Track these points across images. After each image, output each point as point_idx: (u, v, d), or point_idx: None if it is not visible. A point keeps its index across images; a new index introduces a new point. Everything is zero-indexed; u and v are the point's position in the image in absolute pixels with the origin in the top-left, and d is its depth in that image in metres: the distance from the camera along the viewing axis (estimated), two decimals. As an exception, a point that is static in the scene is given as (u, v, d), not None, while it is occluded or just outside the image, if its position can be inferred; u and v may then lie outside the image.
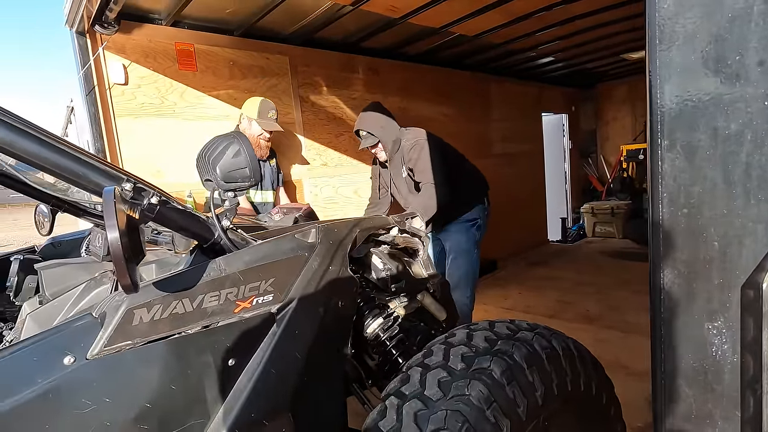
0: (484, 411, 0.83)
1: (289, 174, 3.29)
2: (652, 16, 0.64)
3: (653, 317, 0.68)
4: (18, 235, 13.71)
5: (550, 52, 4.46)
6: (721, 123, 0.60)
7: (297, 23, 3.03)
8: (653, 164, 0.65)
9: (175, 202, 0.81)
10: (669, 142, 0.64)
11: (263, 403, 0.86)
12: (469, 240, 2.66)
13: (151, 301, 0.75)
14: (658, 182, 0.65)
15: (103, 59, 2.55)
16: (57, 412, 0.66)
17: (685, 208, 0.63)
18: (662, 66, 0.64)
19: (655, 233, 0.66)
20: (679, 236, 0.64)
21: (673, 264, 0.65)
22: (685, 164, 0.63)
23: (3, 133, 0.62)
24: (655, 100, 0.65)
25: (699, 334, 0.64)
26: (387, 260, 1.49)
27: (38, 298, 1.26)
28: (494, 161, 4.72)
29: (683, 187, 0.63)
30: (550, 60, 4.79)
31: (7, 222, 16.81)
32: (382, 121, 2.63)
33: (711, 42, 0.60)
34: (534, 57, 4.59)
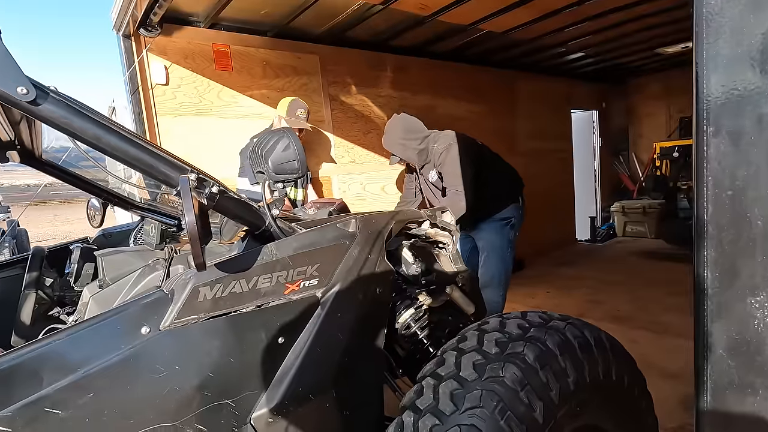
0: (517, 392, 0.86)
1: (318, 171, 3.38)
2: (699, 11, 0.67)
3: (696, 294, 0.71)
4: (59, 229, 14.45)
5: (580, 48, 4.39)
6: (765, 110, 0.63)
7: (327, 23, 3.10)
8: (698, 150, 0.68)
9: (232, 193, 0.89)
10: (715, 128, 0.67)
11: (309, 379, 0.92)
12: (502, 239, 2.65)
13: (214, 281, 0.82)
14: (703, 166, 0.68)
15: (146, 61, 2.69)
16: (136, 375, 0.75)
17: (730, 190, 0.66)
18: (709, 58, 0.67)
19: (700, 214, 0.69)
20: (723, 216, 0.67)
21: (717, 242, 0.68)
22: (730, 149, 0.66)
23: (93, 130, 0.71)
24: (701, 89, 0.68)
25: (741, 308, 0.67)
26: (418, 253, 1.53)
27: (98, 282, 1.37)
28: (521, 159, 4.67)
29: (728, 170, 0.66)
30: (581, 55, 4.71)
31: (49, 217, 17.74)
32: (401, 137, 2.61)
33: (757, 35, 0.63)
34: (563, 53, 4.53)
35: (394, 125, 2.69)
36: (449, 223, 1.67)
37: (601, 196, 6.53)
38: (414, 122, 2.68)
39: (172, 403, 0.78)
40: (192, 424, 0.79)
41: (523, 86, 5.05)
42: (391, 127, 2.70)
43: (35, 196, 9.38)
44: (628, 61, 5.28)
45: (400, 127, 2.65)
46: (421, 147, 2.59)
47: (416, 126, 2.66)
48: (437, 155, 2.55)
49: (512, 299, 3.72)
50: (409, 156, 2.62)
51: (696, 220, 0.70)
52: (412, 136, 2.61)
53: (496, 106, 4.70)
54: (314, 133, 3.29)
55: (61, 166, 1.66)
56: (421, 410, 0.92)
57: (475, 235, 2.78)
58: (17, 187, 20.38)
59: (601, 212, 6.55)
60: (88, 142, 0.73)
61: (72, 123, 0.70)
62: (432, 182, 2.66)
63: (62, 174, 1.66)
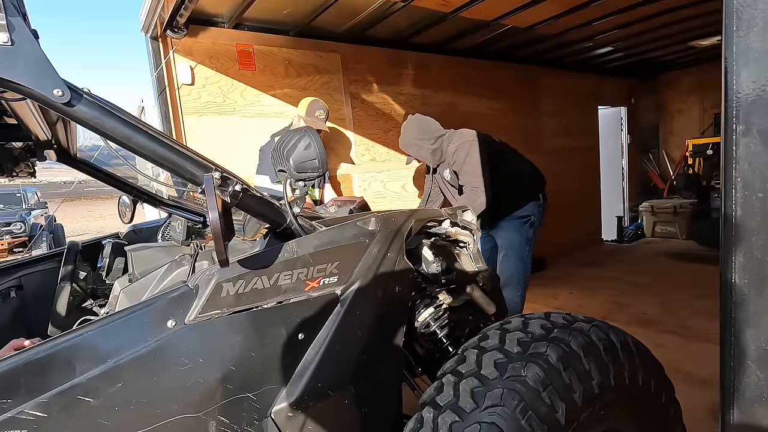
0: (539, 392, 0.85)
1: (338, 169, 3.40)
2: (729, 2, 0.64)
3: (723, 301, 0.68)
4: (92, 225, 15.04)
5: (608, 42, 4.27)
6: (799, 109, 0.60)
7: (348, 21, 3.11)
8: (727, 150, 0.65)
9: (255, 191, 0.90)
10: (745, 127, 0.63)
11: (328, 375, 0.94)
12: (521, 237, 2.62)
13: (236, 277, 0.85)
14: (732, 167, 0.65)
15: (173, 62, 2.76)
16: (163, 367, 0.77)
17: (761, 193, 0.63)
18: (739, 52, 0.64)
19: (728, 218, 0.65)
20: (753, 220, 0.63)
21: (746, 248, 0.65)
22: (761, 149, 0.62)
23: (123, 130, 0.74)
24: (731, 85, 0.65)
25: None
26: (438, 252, 1.52)
27: (128, 276, 1.42)
28: (545, 157, 4.58)
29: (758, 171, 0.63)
30: (609, 50, 4.58)
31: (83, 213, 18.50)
32: (416, 138, 2.62)
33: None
34: (590, 47, 4.41)
35: (409, 126, 2.70)
36: (470, 221, 1.66)
37: (628, 195, 6.34)
38: (429, 122, 2.68)
39: (196, 395, 0.80)
40: (215, 416, 0.82)
41: (547, 82, 4.94)
42: (407, 128, 2.70)
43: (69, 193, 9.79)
44: (659, 55, 5.09)
45: (415, 127, 2.66)
46: (434, 147, 2.60)
47: (431, 126, 2.66)
48: (451, 154, 2.55)
49: (533, 300, 3.66)
50: (423, 156, 2.63)
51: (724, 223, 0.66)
52: (426, 136, 2.62)
53: (519, 103, 4.62)
54: (335, 131, 3.31)
55: (94, 164, 1.73)
56: (441, 406, 0.92)
57: (494, 233, 2.76)
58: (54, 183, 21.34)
59: (628, 212, 6.36)
60: (118, 142, 0.75)
61: (104, 123, 0.73)
62: (448, 181, 2.65)
63: (95, 171, 1.73)
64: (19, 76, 0.65)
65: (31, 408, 0.66)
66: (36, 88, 0.66)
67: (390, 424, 1.06)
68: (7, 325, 1.64)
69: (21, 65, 0.64)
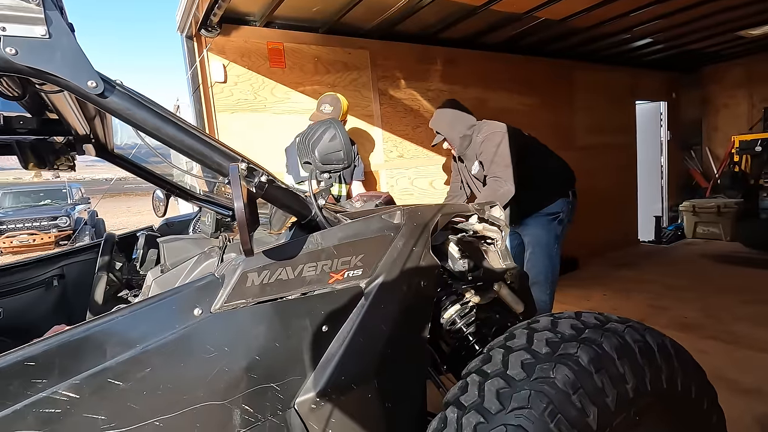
0: (569, 395, 0.81)
1: (367, 165, 3.40)
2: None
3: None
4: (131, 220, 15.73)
5: (647, 33, 4.07)
6: None
7: (377, 17, 3.10)
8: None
9: (280, 182, 0.91)
10: None
11: (352, 368, 0.93)
12: (549, 234, 2.54)
13: (261, 267, 0.85)
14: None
15: (206, 60, 2.83)
16: (189, 354, 0.79)
17: None
18: None
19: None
20: None
21: None
22: None
23: (153, 121, 0.76)
24: None
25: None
26: (465, 248, 1.49)
27: (160, 267, 1.46)
28: (578, 154, 4.43)
29: None
30: (647, 42, 4.37)
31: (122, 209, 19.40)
32: (450, 118, 2.62)
33: None
34: (628, 39, 4.22)
35: (447, 104, 2.70)
36: (498, 217, 1.62)
37: (668, 194, 6.04)
38: (465, 111, 2.67)
39: (221, 383, 0.81)
40: (239, 405, 0.83)
41: (581, 77, 4.78)
42: (443, 109, 2.70)
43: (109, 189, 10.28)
44: (703, 46, 4.82)
45: (451, 110, 2.65)
46: (465, 133, 2.58)
47: (465, 114, 2.65)
48: (478, 144, 2.51)
49: (564, 300, 3.55)
50: (452, 138, 2.60)
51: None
52: (459, 121, 2.61)
53: (550, 98, 4.49)
54: (363, 127, 3.31)
55: (130, 159, 1.79)
56: (466, 407, 0.90)
57: (520, 230, 2.69)
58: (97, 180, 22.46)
59: (667, 211, 6.07)
60: (149, 132, 0.77)
61: (135, 114, 0.75)
62: (474, 174, 2.61)
63: (131, 166, 1.79)
64: (56, 67, 0.67)
65: (65, 389, 0.68)
66: (71, 80, 0.68)
67: (414, 421, 1.05)
68: (50, 312, 1.73)
69: (58, 57, 0.67)
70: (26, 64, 0.65)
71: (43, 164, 1.30)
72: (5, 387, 0.65)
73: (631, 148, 5.52)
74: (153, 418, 0.74)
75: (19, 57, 0.65)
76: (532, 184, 2.47)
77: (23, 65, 0.65)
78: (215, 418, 0.80)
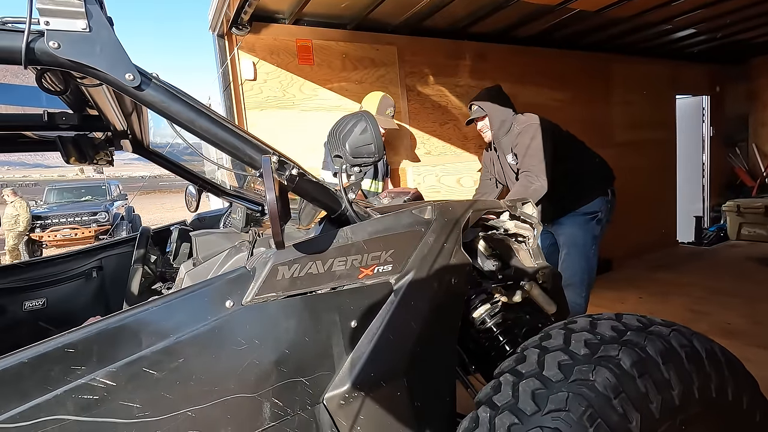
0: (610, 399, 0.77)
1: (394, 162, 3.38)
2: None
3: None
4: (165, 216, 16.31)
5: (690, 24, 3.86)
6: None
7: (406, 12, 3.07)
8: None
9: (311, 176, 0.90)
10: None
11: (381, 365, 0.92)
12: (586, 234, 2.44)
13: (292, 261, 0.85)
14: None
15: (237, 58, 2.88)
16: (221, 345, 0.80)
17: None
18: None
19: None
20: None
21: None
22: None
23: (187, 113, 0.76)
24: None
25: None
26: (495, 246, 1.45)
27: (192, 260, 1.49)
28: (615, 150, 4.26)
29: None
30: (690, 33, 4.15)
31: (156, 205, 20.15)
32: (496, 98, 2.56)
33: None
34: (668, 30, 4.02)
35: (495, 87, 2.68)
36: (530, 215, 1.57)
37: (709, 193, 5.74)
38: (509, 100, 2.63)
39: (251, 376, 0.81)
40: (269, 398, 0.82)
41: (617, 70, 4.59)
42: (491, 88, 2.67)
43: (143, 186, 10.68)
44: (752, 36, 4.53)
45: (500, 93, 2.62)
46: (506, 118, 2.53)
47: (510, 104, 2.60)
48: (515, 135, 2.44)
49: (598, 303, 3.42)
50: (492, 117, 2.54)
51: None
52: (505, 104, 2.56)
53: (585, 92, 4.33)
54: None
55: (165, 155, 1.84)
56: (499, 407, 0.87)
57: (555, 230, 2.59)
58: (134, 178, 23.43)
59: (709, 211, 5.77)
60: (182, 125, 0.78)
61: (169, 107, 0.76)
62: (510, 164, 2.54)
63: (165, 162, 1.84)
64: (96, 61, 0.68)
65: (102, 376, 0.70)
66: (110, 72, 0.70)
67: (443, 421, 1.03)
68: (89, 302, 1.80)
69: (98, 50, 0.68)
70: (68, 57, 0.67)
71: (83, 158, 1.35)
72: (47, 372, 0.67)
73: (670, 144, 5.26)
74: (186, 408, 0.75)
75: (61, 51, 0.66)
76: (569, 182, 2.38)
77: (65, 59, 0.67)
78: (246, 411, 0.81)
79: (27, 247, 8.72)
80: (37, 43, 0.65)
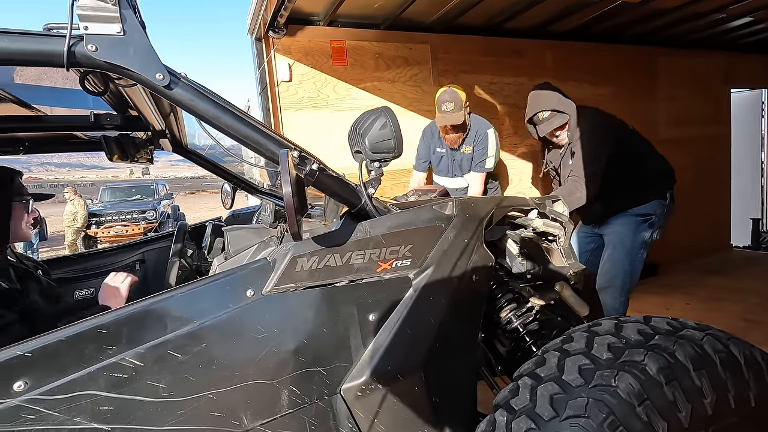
0: (634, 407, 0.74)
1: (425, 161, 3.36)
2: None
3: None
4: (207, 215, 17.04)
5: (746, 12, 3.59)
6: None
7: (440, 10, 3.05)
8: None
9: (332, 171, 0.92)
10: None
11: (399, 358, 0.92)
12: (635, 236, 2.25)
13: (310, 253, 0.87)
14: None
15: (273, 60, 2.96)
16: (241, 333, 0.83)
17: None
18: None
19: None
20: None
21: None
22: None
23: (213, 111, 0.81)
24: None
25: None
26: (524, 245, 1.42)
27: (224, 254, 1.56)
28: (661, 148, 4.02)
29: None
30: (746, 21, 3.86)
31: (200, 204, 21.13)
32: (559, 97, 2.29)
33: None
34: (722, 20, 3.76)
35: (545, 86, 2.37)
36: (560, 213, 1.52)
37: (768, 193, 5.33)
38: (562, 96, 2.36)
39: (270, 363, 0.84)
40: (287, 386, 0.85)
41: (663, 64, 4.35)
42: (543, 88, 2.37)
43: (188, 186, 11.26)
44: (820, 23, 4.16)
45: (555, 94, 2.32)
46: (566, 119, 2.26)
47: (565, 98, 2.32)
48: (576, 133, 2.24)
49: (639, 309, 3.25)
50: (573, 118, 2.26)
51: None
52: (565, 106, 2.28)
53: (628, 88, 4.14)
54: (422, 123, 3.28)
55: (202, 154, 1.93)
56: (516, 411, 0.85)
57: (603, 230, 2.40)
58: (180, 178, 24.70)
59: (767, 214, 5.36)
60: (209, 122, 0.82)
61: (197, 105, 0.80)
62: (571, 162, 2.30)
63: (203, 162, 1.93)
64: (129, 62, 0.73)
65: (131, 356, 0.75)
66: (142, 73, 0.75)
67: (462, 419, 1.02)
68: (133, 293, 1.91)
69: (131, 52, 0.73)
70: (104, 59, 0.72)
71: (125, 157, 1.45)
72: (82, 350, 0.73)
73: (724, 141, 4.92)
74: (207, 390, 0.79)
75: (98, 53, 0.72)
76: (625, 181, 2.21)
77: (102, 60, 0.72)
78: (265, 397, 0.84)
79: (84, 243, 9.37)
80: (77, 46, 0.71)
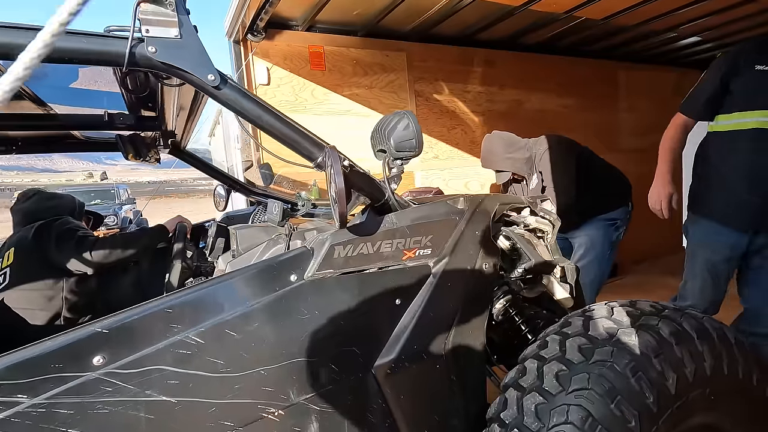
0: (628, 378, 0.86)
1: (404, 165, 3.46)
2: None
3: None
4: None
5: (695, 32, 3.96)
6: None
7: (416, 19, 3.16)
8: None
9: (358, 167, 1.00)
10: None
11: (423, 339, 1.02)
12: (605, 238, 2.47)
13: (346, 241, 0.95)
14: None
15: (252, 64, 2.97)
16: (287, 314, 0.90)
17: None
18: None
19: None
20: None
21: None
22: None
23: (257, 111, 0.87)
24: None
25: None
26: (516, 240, 1.53)
27: (232, 252, 1.58)
28: (622, 156, 4.32)
29: None
30: (695, 41, 4.25)
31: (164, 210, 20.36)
32: (506, 153, 2.48)
33: None
34: (674, 38, 4.12)
35: (493, 143, 2.55)
36: (549, 211, 1.65)
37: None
38: (511, 136, 2.56)
39: (312, 342, 0.91)
40: (326, 364, 0.92)
41: (623, 77, 4.68)
42: (492, 146, 2.55)
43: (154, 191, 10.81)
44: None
45: (501, 143, 2.52)
46: (527, 156, 2.48)
47: (514, 138, 2.55)
48: (539, 157, 2.44)
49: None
50: (518, 168, 2.50)
51: None
52: (514, 147, 2.49)
53: (592, 99, 4.43)
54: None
55: (198, 156, 1.95)
56: (525, 388, 0.95)
57: (572, 234, 2.60)
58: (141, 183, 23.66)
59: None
60: (252, 121, 0.88)
61: (243, 105, 0.86)
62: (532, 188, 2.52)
63: (198, 163, 1.94)
64: (184, 63, 0.79)
65: (194, 335, 0.80)
66: (196, 74, 0.80)
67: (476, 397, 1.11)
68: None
69: (186, 55, 0.79)
70: (162, 60, 0.77)
71: (138, 155, 1.46)
72: (152, 327, 0.78)
73: (675, 150, 5.34)
74: (259, 367, 0.85)
75: (157, 55, 0.77)
76: (592, 193, 2.42)
77: (159, 62, 0.77)
78: (307, 373, 0.90)
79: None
80: (137, 48, 0.75)
